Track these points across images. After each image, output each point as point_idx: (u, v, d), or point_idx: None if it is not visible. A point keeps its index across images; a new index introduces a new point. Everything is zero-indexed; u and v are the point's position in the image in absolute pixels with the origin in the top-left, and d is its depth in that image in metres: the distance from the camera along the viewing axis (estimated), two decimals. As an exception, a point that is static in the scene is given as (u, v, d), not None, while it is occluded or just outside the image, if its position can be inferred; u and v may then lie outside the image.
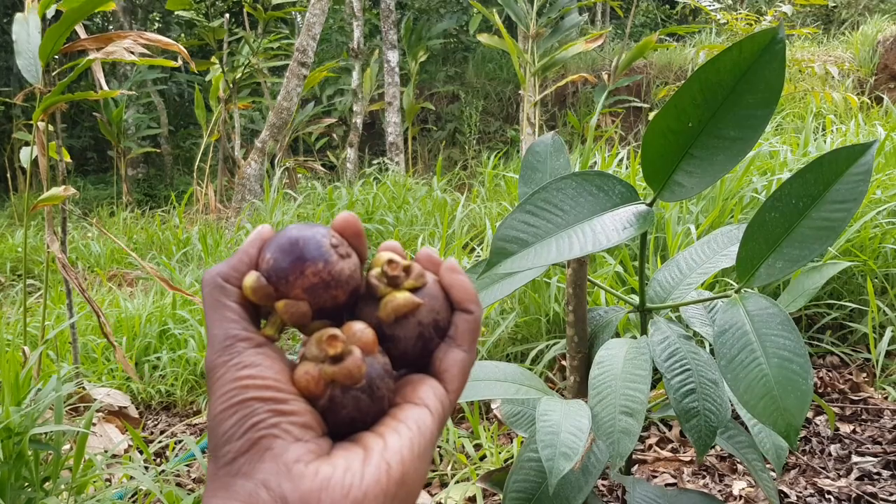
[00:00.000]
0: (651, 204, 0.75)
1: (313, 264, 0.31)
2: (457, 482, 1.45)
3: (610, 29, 7.29)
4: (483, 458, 1.57)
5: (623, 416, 0.74)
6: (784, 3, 4.76)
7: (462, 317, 0.34)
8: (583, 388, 0.94)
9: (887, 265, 1.95)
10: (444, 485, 1.49)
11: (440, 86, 8.28)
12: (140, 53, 1.57)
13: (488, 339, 1.95)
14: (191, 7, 6.00)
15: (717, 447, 1.52)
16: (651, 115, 4.95)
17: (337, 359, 0.30)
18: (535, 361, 1.85)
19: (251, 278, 0.31)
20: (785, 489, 1.38)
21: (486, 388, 0.88)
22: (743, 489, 1.39)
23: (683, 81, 0.70)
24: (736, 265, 0.76)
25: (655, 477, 1.47)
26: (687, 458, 1.52)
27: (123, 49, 1.53)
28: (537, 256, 0.64)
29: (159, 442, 1.74)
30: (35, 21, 1.73)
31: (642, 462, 1.53)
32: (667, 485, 1.43)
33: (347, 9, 7.85)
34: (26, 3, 1.77)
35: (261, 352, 0.30)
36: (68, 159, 1.83)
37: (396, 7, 7.24)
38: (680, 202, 2.25)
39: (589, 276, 0.93)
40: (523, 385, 0.90)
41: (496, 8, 6.19)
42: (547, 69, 4.94)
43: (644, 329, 0.89)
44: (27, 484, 1.30)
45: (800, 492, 1.37)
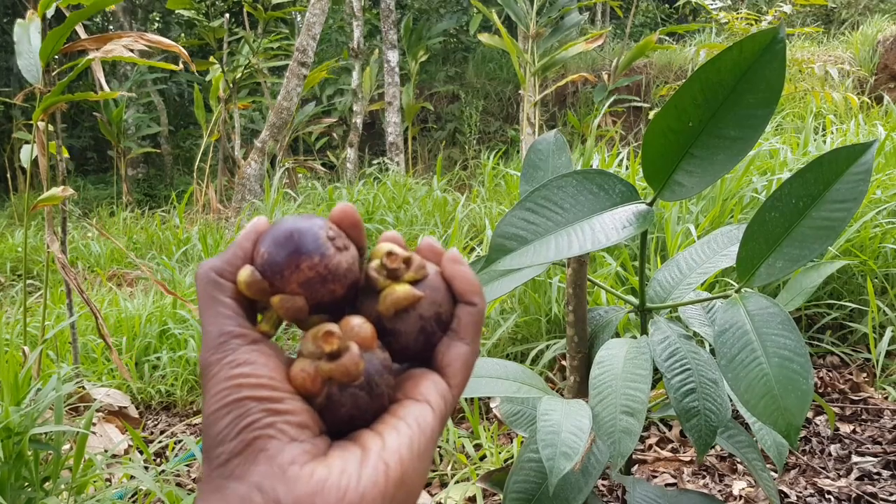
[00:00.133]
0: (651, 203, 0.75)
1: (309, 258, 0.30)
2: (457, 482, 1.45)
3: (610, 29, 7.29)
4: (483, 458, 1.57)
5: (624, 416, 0.74)
6: (784, 3, 4.76)
7: (465, 309, 0.33)
8: (583, 388, 0.94)
9: (887, 265, 1.95)
10: (444, 485, 1.49)
11: (440, 86, 8.28)
12: (139, 52, 1.57)
13: (489, 340, 1.95)
14: (191, 7, 6.00)
15: (718, 447, 1.52)
16: (651, 115, 4.94)
17: (334, 356, 0.29)
18: (535, 361, 1.85)
19: (245, 273, 0.30)
20: (785, 489, 1.38)
21: (488, 386, 0.88)
22: (743, 489, 1.39)
23: (684, 81, 0.69)
24: (736, 265, 0.76)
25: (655, 477, 1.47)
26: (687, 458, 1.52)
27: (122, 47, 1.53)
28: (536, 254, 0.64)
29: (159, 442, 1.74)
30: (35, 21, 1.73)
31: (642, 462, 1.52)
32: (667, 485, 1.43)
33: (347, 8, 7.86)
34: (28, 13, 1.77)
35: (256, 349, 0.30)
36: (66, 155, 1.83)
37: (396, 7, 7.24)
38: (679, 202, 2.25)
39: (589, 276, 0.93)
40: (524, 384, 0.90)
41: (496, 8, 6.19)
42: (547, 69, 4.94)
43: (644, 329, 0.89)
44: (27, 484, 1.30)
45: (800, 492, 1.37)
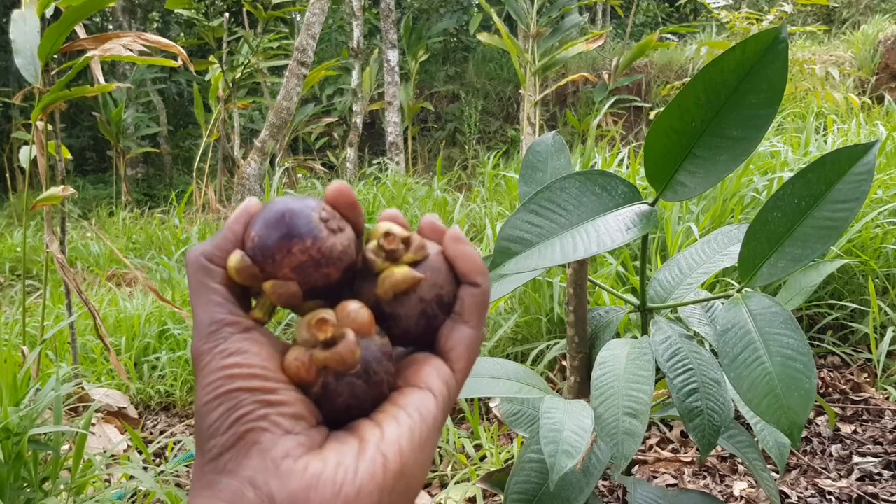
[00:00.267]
0: (653, 203, 0.75)
1: (301, 241, 0.28)
2: (457, 483, 1.44)
3: (610, 28, 7.29)
4: (483, 459, 1.57)
5: (626, 418, 0.73)
6: (786, 3, 4.75)
7: (468, 290, 0.31)
8: (583, 389, 0.93)
9: (888, 265, 1.95)
10: (444, 485, 1.49)
11: (440, 85, 8.28)
12: (138, 51, 1.56)
13: (489, 341, 1.95)
14: (190, 6, 6.00)
15: (719, 447, 1.52)
16: (653, 115, 4.95)
17: (328, 343, 0.28)
18: (536, 362, 1.84)
19: (235, 258, 0.29)
20: (786, 489, 1.37)
21: (488, 386, 0.87)
22: (744, 490, 1.39)
23: (687, 81, 0.69)
24: (738, 264, 0.76)
25: (656, 477, 1.46)
26: (688, 459, 1.52)
27: (121, 46, 1.52)
28: (541, 257, 0.63)
29: (158, 442, 1.73)
30: (34, 20, 1.73)
31: (643, 463, 1.52)
32: (668, 485, 1.42)
33: (347, 8, 7.85)
34: (23, 2, 1.76)
35: (248, 337, 0.28)
36: (68, 156, 1.82)
37: (396, 6, 7.23)
38: (680, 202, 2.24)
39: (590, 277, 0.93)
40: (525, 384, 0.89)
41: (496, 7, 6.19)
42: (547, 69, 4.94)
43: (645, 329, 0.88)
44: (26, 484, 1.30)
45: (801, 492, 1.36)
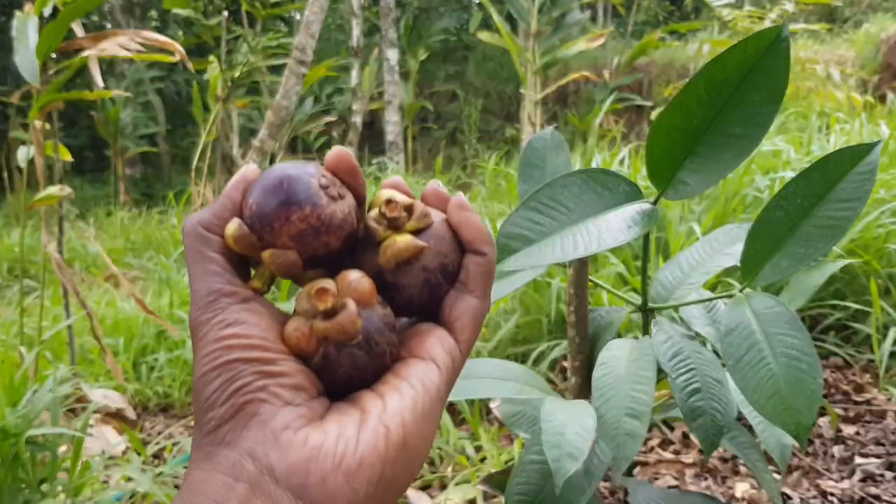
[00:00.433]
0: (655, 202, 0.74)
1: (299, 209, 0.28)
2: (457, 484, 1.44)
3: (612, 28, 7.28)
4: (483, 460, 1.56)
5: (628, 419, 0.73)
6: (788, 1, 4.75)
7: (473, 259, 0.31)
8: (584, 390, 0.93)
9: (891, 265, 1.94)
10: (444, 487, 1.48)
11: (440, 84, 8.27)
12: (136, 50, 1.56)
13: (490, 342, 1.94)
14: (189, 5, 5.99)
15: (720, 449, 1.51)
16: (654, 114, 4.95)
17: (329, 313, 0.27)
18: (537, 363, 1.84)
19: (233, 226, 0.28)
20: (788, 491, 1.37)
21: (489, 387, 0.87)
22: (746, 491, 1.38)
23: (688, 79, 0.69)
24: (740, 264, 0.75)
25: (657, 479, 1.46)
26: (689, 460, 1.51)
27: (118, 45, 1.52)
28: (542, 255, 0.63)
29: (157, 444, 1.72)
30: (32, 19, 1.72)
31: (644, 464, 1.51)
32: (669, 487, 1.42)
33: (347, 7, 7.84)
34: (25, 7, 1.76)
35: (247, 307, 0.28)
36: (68, 157, 1.81)
37: (396, 5, 7.23)
38: (682, 202, 2.24)
39: (591, 277, 0.92)
40: (526, 385, 0.89)
41: (497, 6, 6.18)
42: (548, 67, 4.93)
43: (646, 329, 0.87)
44: (24, 486, 1.29)
45: (802, 494, 1.36)
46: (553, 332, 1.95)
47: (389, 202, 0.30)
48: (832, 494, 1.35)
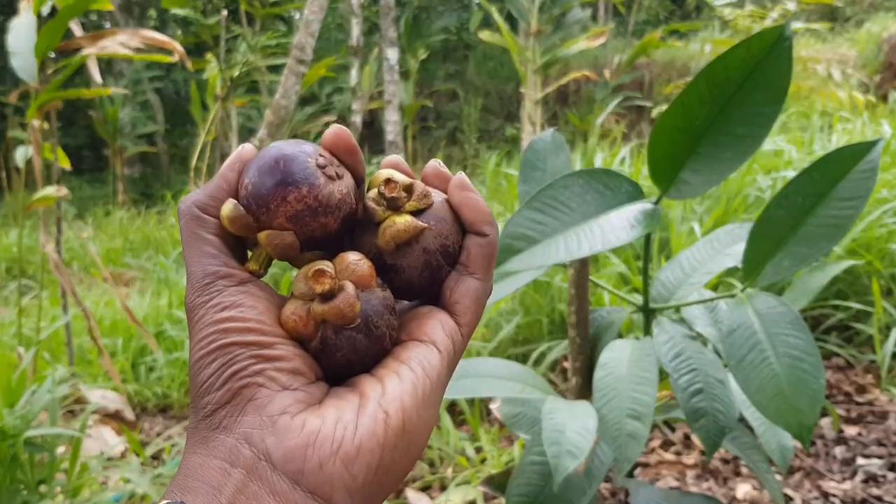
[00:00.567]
0: (657, 202, 0.74)
1: (296, 189, 0.27)
2: (457, 485, 1.43)
3: (612, 26, 7.27)
4: (484, 461, 1.55)
5: (630, 420, 0.72)
6: (789, 0, 4.74)
7: (475, 240, 0.30)
8: (585, 391, 0.92)
9: (893, 265, 1.93)
10: (445, 488, 1.47)
11: (440, 84, 8.27)
12: (135, 49, 1.55)
13: (490, 342, 1.93)
14: (188, 4, 5.98)
15: (722, 449, 1.51)
16: (655, 113, 4.94)
17: (327, 296, 0.27)
18: (537, 363, 1.83)
19: (228, 207, 0.28)
20: (790, 492, 1.36)
21: (490, 387, 0.86)
22: (747, 492, 1.38)
23: (691, 79, 0.68)
24: (742, 263, 0.75)
25: (658, 480, 1.45)
26: (690, 462, 1.51)
27: (118, 44, 1.51)
28: (545, 255, 0.62)
29: (155, 445, 1.72)
30: (30, 18, 1.71)
31: (645, 465, 1.51)
32: (670, 488, 1.41)
33: (346, 6, 7.83)
34: (22, 4, 1.75)
35: (243, 290, 0.27)
36: (68, 166, 1.79)
37: (396, 4, 7.22)
38: (684, 202, 2.23)
39: (592, 277, 0.91)
40: (527, 385, 0.88)
41: (497, 5, 6.17)
42: (549, 67, 4.92)
43: (647, 329, 0.87)
44: (22, 487, 1.29)
45: (804, 495, 1.35)
46: (554, 333, 1.95)
47: (389, 182, 0.29)
48: (834, 495, 1.34)
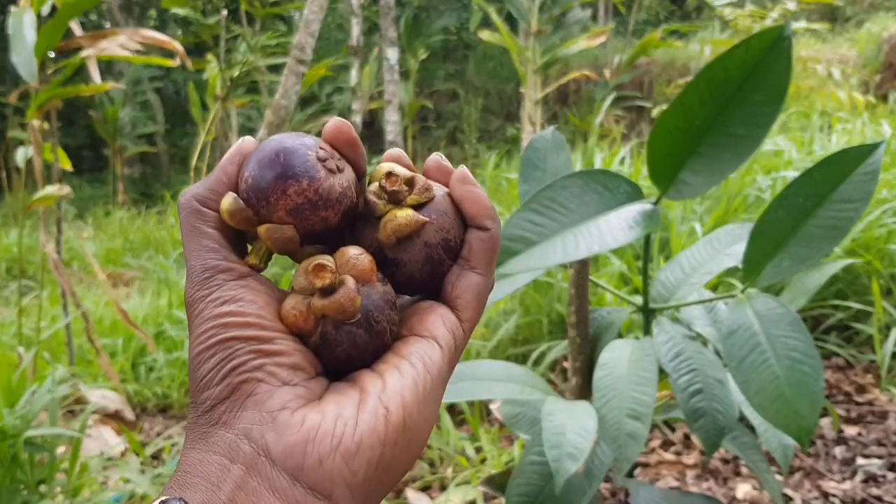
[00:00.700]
0: (657, 203, 0.74)
1: (296, 182, 0.27)
2: (457, 485, 1.43)
3: (612, 26, 7.26)
4: (484, 462, 1.55)
5: (629, 420, 0.72)
6: (789, 0, 4.74)
7: (476, 234, 0.30)
8: (585, 391, 0.92)
9: (893, 265, 1.93)
10: (445, 488, 1.47)
11: (440, 83, 8.26)
12: (135, 50, 1.55)
13: (490, 342, 1.93)
14: (187, 4, 5.98)
15: (722, 449, 1.51)
16: (655, 113, 4.94)
17: (327, 291, 0.27)
18: (537, 363, 1.83)
19: (228, 201, 0.27)
20: (789, 492, 1.36)
21: (489, 388, 0.86)
22: (747, 492, 1.38)
23: (690, 79, 0.68)
24: (742, 264, 0.75)
25: (658, 480, 1.45)
26: (690, 462, 1.51)
27: (117, 45, 1.51)
28: (543, 256, 0.62)
29: (155, 445, 1.72)
30: (30, 17, 1.71)
31: (645, 465, 1.51)
32: (670, 488, 1.41)
33: (346, 5, 7.83)
34: (21, 2, 1.75)
35: (243, 284, 0.27)
36: (68, 166, 1.79)
37: (396, 4, 7.22)
38: (684, 202, 2.23)
39: (592, 277, 0.91)
40: (527, 385, 0.88)
41: (496, 5, 6.17)
42: (549, 66, 4.92)
43: (647, 330, 0.87)
44: (22, 487, 1.29)
45: (804, 495, 1.35)
46: (553, 333, 1.95)
47: (390, 175, 0.29)
48: (834, 496, 1.34)
